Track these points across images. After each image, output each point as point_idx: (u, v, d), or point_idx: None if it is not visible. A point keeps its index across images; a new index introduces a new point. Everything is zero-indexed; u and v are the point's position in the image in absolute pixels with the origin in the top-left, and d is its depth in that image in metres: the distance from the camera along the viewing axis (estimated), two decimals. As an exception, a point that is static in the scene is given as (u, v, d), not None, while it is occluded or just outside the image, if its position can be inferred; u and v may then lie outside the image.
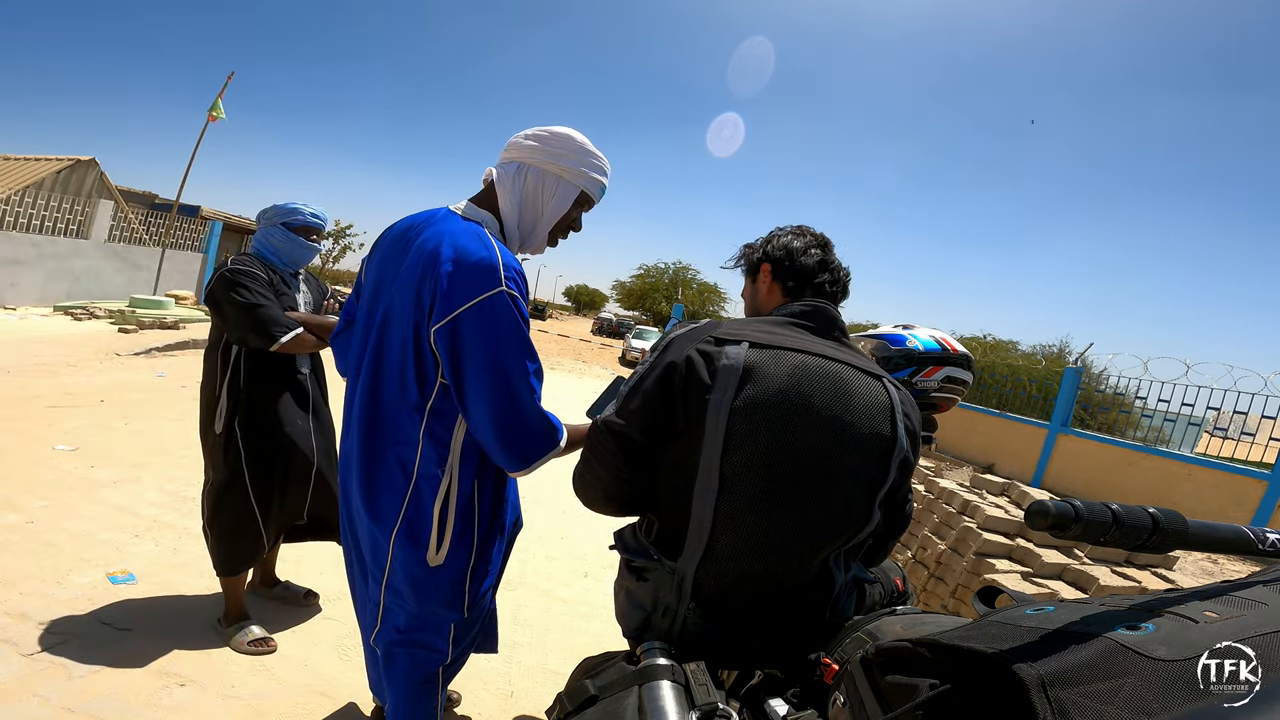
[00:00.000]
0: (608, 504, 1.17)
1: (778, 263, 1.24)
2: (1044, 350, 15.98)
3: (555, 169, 1.31)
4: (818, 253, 1.24)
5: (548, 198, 1.32)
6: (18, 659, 1.82)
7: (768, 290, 1.25)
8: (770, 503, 1.00)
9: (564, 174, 1.32)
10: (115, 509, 2.97)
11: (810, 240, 1.25)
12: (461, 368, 1.19)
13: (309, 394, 2.20)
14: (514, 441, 1.22)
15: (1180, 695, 0.44)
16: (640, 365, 1.13)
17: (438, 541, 1.26)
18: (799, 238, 1.25)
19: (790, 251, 1.23)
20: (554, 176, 1.32)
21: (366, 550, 1.36)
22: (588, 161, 1.33)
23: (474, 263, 1.18)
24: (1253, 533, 0.65)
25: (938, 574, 2.77)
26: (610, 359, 20.71)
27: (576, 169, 1.32)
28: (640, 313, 48.29)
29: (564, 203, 1.34)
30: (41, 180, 11.74)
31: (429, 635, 1.35)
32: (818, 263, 1.23)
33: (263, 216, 2.16)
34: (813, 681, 0.93)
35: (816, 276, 1.22)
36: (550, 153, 1.30)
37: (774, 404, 1.00)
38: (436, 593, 1.31)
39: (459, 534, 1.29)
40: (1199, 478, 7.39)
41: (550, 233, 1.38)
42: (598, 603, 2.92)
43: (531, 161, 1.31)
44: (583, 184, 1.34)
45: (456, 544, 1.29)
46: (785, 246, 1.24)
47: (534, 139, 1.31)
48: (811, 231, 1.28)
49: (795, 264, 1.22)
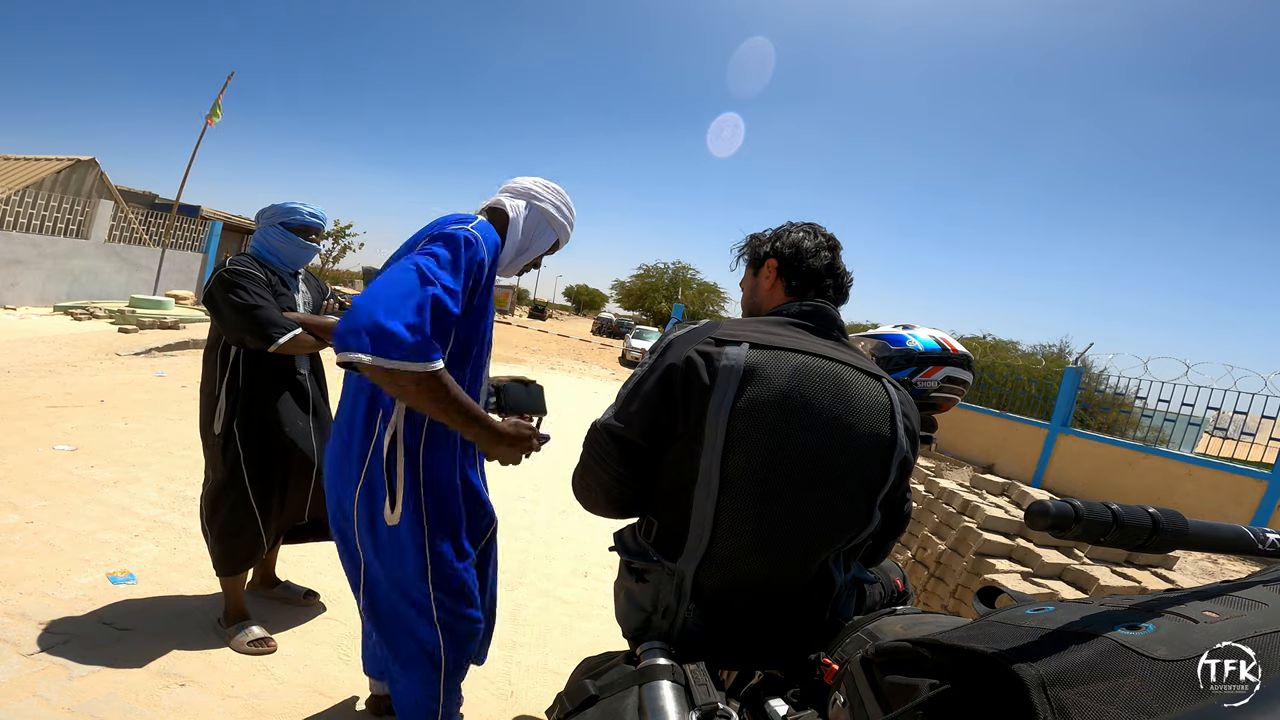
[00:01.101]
0: (608, 507, 1.17)
1: (786, 260, 1.21)
2: (1044, 350, 15.98)
3: (550, 216, 1.55)
4: (828, 255, 1.22)
5: (537, 237, 1.55)
6: (18, 659, 1.82)
7: (770, 286, 1.23)
8: (771, 504, 1.00)
9: (553, 221, 1.56)
10: (115, 509, 2.96)
11: (821, 241, 1.23)
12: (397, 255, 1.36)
13: (309, 394, 2.20)
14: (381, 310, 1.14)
15: (1180, 695, 0.44)
16: (639, 367, 1.12)
17: (390, 500, 1.36)
18: (810, 237, 1.23)
19: (800, 251, 1.21)
20: (547, 223, 1.55)
21: (335, 518, 1.47)
22: (569, 216, 1.59)
23: (457, 216, 1.39)
24: (1253, 533, 0.65)
25: (938, 574, 2.77)
26: (610, 359, 20.72)
27: (562, 220, 1.57)
28: (640, 313, 48.30)
29: (546, 243, 1.57)
30: (41, 180, 11.74)
31: (407, 607, 1.43)
32: (826, 266, 1.21)
33: (261, 216, 2.16)
34: (813, 681, 0.93)
35: (823, 280, 1.20)
36: (553, 203, 1.55)
37: (775, 405, 1.00)
38: (400, 558, 1.39)
39: (411, 493, 1.38)
40: (1199, 478, 7.39)
41: (525, 265, 1.59)
42: (598, 603, 2.92)
43: (540, 205, 1.54)
44: (559, 233, 1.58)
45: (410, 505, 1.37)
46: (796, 244, 1.21)
47: (547, 189, 1.56)
48: (823, 232, 1.25)
49: (803, 264, 1.20)
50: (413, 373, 1.15)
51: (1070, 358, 12.76)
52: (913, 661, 0.64)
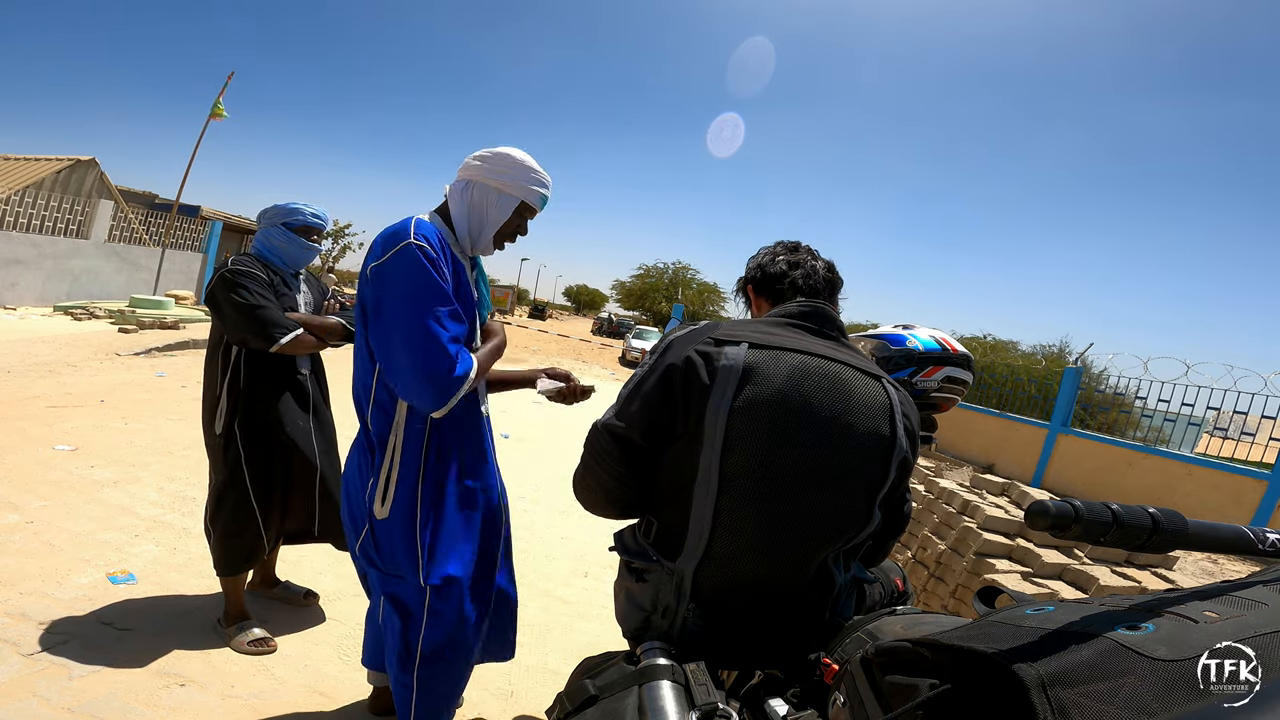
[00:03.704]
0: (608, 507, 1.17)
1: (757, 281, 1.31)
2: (1044, 350, 15.98)
3: (496, 184, 1.50)
4: (784, 256, 1.29)
5: (490, 208, 1.51)
6: (18, 659, 1.82)
7: (758, 309, 1.32)
8: (770, 503, 1.00)
9: (504, 188, 1.50)
10: (115, 509, 2.96)
11: (776, 249, 1.32)
12: (380, 309, 1.37)
13: (309, 394, 2.20)
14: (425, 377, 1.34)
15: (1180, 695, 0.44)
16: (640, 367, 1.13)
17: (383, 495, 1.44)
18: (768, 253, 1.32)
19: (761, 266, 1.30)
20: (494, 190, 1.50)
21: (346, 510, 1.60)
22: (526, 176, 1.52)
23: (391, 230, 1.41)
24: (1253, 533, 0.65)
25: (938, 574, 2.77)
26: (610, 359, 20.72)
27: (515, 183, 1.51)
28: (640, 313, 48.29)
29: (504, 212, 1.52)
30: (41, 180, 11.74)
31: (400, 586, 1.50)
32: (786, 265, 1.27)
33: (264, 217, 2.16)
34: (813, 681, 0.93)
35: (786, 277, 1.26)
36: (492, 170, 1.49)
37: (774, 404, 1.00)
38: (393, 548, 1.47)
39: (405, 491, 1.45)
40: (1199, 478, 7.39)
41: (496, 237, 1.55)
42: (598, 603, 2.93)
43: (476, 178, 1.50)
44: (522, 196, 1.52)
45: (402, 501, 1.45)
46: (757, 265, 1.32)
47: (479, 159, 1.51)
48: (782, 242, 1.35)
49: (766, 275, 1.28)
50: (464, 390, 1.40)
51: (1070, 358, 12.76)
52: (913, 661, 0.64)
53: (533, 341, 22.19)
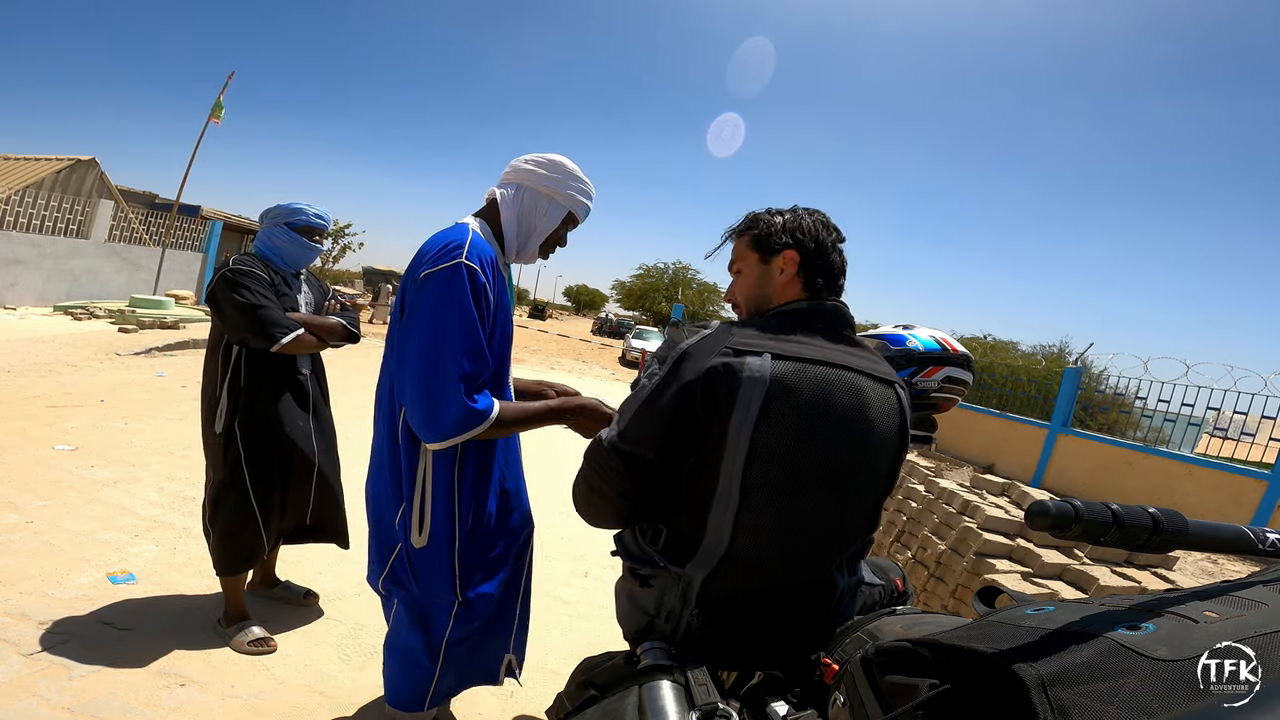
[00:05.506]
0: (612, 520, 1.13)
1: (809, 255, 1.10)
2: (1044, 350, 15.98)
3: (548, 192, 1.47)
4: (842, 249, 1.15)
5: (540, 216, 1.49)
6: (18, 659, 1.82)
7: (787, 281, 1.12)
8: (791, 514, 0.99)
9: (555, 196, 1.48)
10: (115, 509, 2.96)
11: (838, 236, 1.15)
12: (411, 321, 1.32)
13: (309, 394, 2.20)
14: (427, 406, 1.29)
15: (1180, 695, 0.44)
16: (647, 377, 1.07)
17: (419, 524, 1.40)
18: (827, 229, 1.13)
19: (822, 246, 1.11)
20: (546, 198, 1.48)
21: (375, 532, 1.52)
22: (576, 186, 1.49)
23: (446, 240, 1.35)
24: (1253, 533, 0.65)
25: (938, 574, 2.77)
26: (610, 359, 20.71)
27: (565, 192, 1.48)
28: (640, 313, 48.27)
29: (553, 221, 1.50)
30: (41, 180, 11.74)
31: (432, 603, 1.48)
32: (844, 263, 1.15)
33: (266, 216, 2.16)
34: (813, 681, 0.93)
35: (841, 278, 1.14)
36: (546, 177, 1.46)
37: (798, 419, 0.97)
38: (431, 574, 1.44)
39: (441, 519, 1.41)
40: (1199, 478, 7.38)
41: (541, 246, 1.53)
42: (598, 603, 2.93)
43: (529, 184, 1.47)
44: (570, 206, 1.50)
45: (439, 529, 1.41)
46: (817, 237, 1.11)
47: (533, 164, 1.47)
48: (835, 224, 1.17)
49: (826, 260, 1.11)
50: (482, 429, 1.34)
51: (1070, 358, 12.76)
52: (913, 661, 0.64)
53: (533, 341, 22.19)
